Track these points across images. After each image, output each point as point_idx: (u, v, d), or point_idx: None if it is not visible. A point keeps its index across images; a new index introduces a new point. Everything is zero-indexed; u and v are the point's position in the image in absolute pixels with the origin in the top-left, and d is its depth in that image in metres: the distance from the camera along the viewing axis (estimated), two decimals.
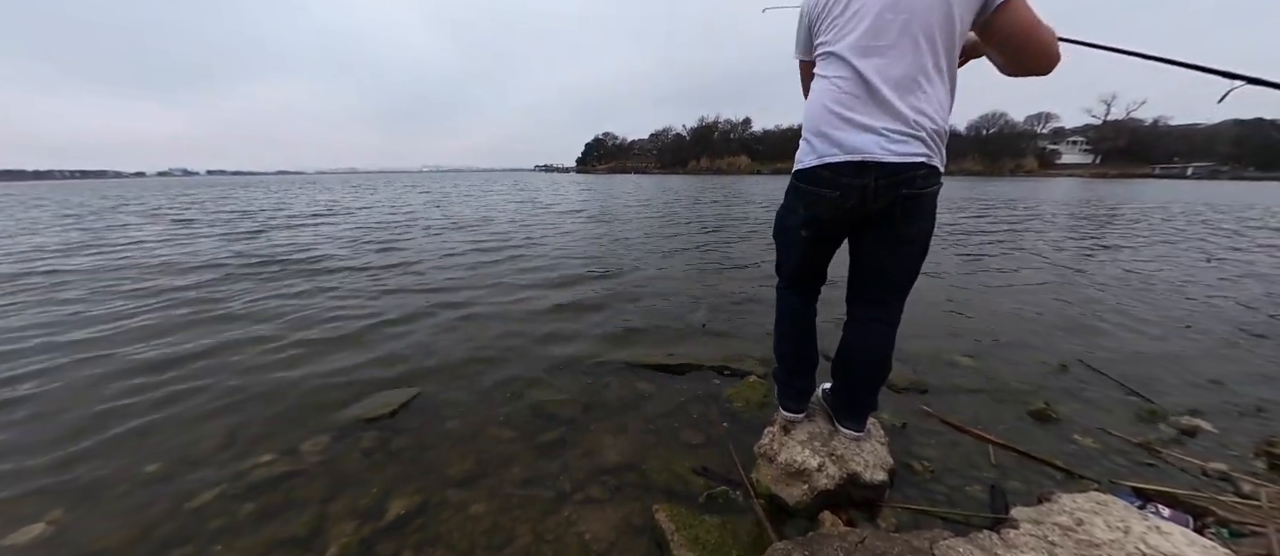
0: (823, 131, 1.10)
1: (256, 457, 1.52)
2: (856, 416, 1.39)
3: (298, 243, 5.70)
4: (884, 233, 1.16)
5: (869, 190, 1.07)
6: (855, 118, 1.06)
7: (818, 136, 1.11)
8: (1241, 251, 5.35)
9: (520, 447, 1.59)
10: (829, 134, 1.09)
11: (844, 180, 1.08)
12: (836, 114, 1.08)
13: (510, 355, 2.34)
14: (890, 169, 1.04)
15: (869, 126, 1.05)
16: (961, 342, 2.50)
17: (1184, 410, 1.80)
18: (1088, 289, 3.63)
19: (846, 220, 1.17)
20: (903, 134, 1.04)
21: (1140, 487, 1.32)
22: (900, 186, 1.07)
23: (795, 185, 1.21)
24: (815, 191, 1.14)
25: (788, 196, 1.27)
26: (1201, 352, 2.39)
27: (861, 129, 1.05)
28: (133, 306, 3.19)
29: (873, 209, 1.10)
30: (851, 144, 1.06)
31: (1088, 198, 15.28)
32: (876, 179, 1.06)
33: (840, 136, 1.07)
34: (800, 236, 1.25)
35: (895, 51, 1.03)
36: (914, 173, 1.05)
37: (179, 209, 11.13)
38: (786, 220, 1.29)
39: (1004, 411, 1.80)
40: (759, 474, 1.39)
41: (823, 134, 1.10)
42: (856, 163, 1.05)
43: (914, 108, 1.04)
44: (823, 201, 1.14)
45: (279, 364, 2.25)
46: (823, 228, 1.21)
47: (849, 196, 1.09)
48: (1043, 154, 66.73)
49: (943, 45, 1.04)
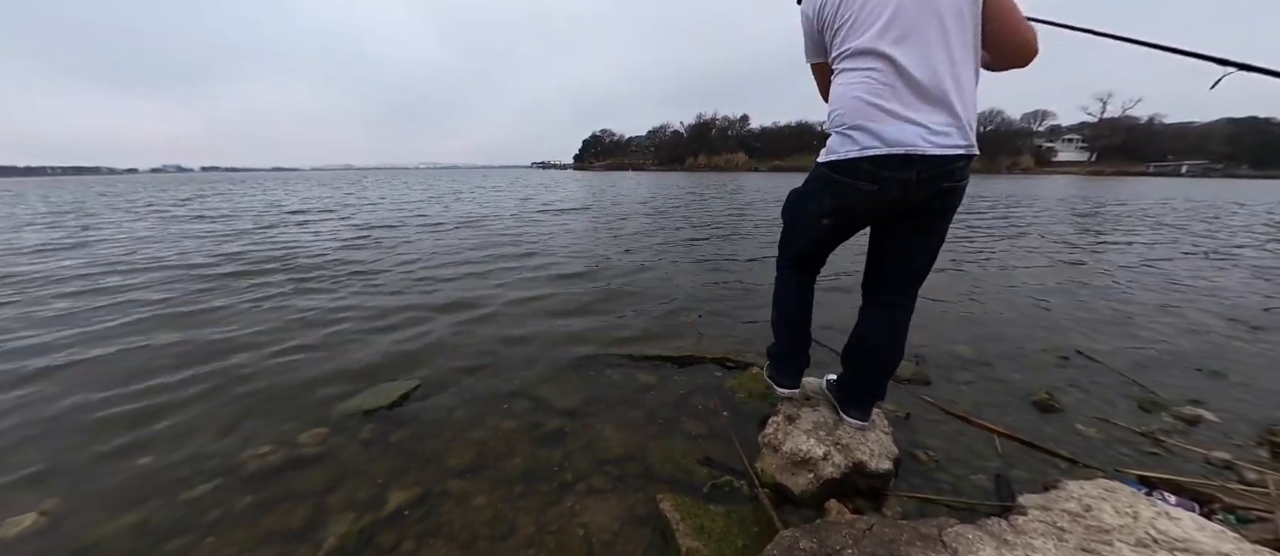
0: (861, 124, 1.07)
1: (254, 448, 1.50)
2: (863, 406, 1.38)
3: (293, 240, 5.63)
4: (919, 223, 1.15)
5: (911, 184, 1.05)
6: (896, 110, 1.03)
7: (856, 129, 1.07)
8: (1237, 248, 5.37)
9: (521, 438, 1.58)
10: (868, 127, 1.05)
11: (885, 174, 1.06)
12: (875, 106, 1.05)
13: (511, 348, 2.32)
14: (934, 161, 1.02)
15: (911, 118, 1.02)
16: (964, 335, 2.49)
17: (1185, 400, 1.80)
18: (1088, 283, 3.64)
19: (879, 212, 1.16)
20: (945, 124, 1.02)
21: (1145, 476, 1.31)
22: (942, 180, 1.05)
23: (826, 175, 1.16)
24: (852, 184, 1.11)
25: (812, 183, 1.23)
26: (1200, 344, 2.39)
27: (904, 121, 1.02)
28: (123, 300, 3.15)
29: (913, 202, 1.09)
30: (894, 137, 1.03)
31: (1084, 195, 15.34)
32: (919, 172, 1.03)
33: (882, 129, 1.04)
34: (821, 224, 1.22)
35: (924, 37, 1.02)
36: (955, 165, 1.04)
37: (168, 206, 11.02)
38: (807, 206, 1.26)
39: (1007, 402, 1.80)
40: (764, 463, 1.38)
41: (861, 127, 1.07)
42: (901, 156, 1.03)
43: (953, 95, 1.02)
44: (858, 193, 1.11)
45: (276, 357, 2.22)
46: (851, 218, 1.19)
47: (889, 190, 1.07)
48: (1039, 151, 66.99)
49: (970, 24, 1.03)
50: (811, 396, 1.57)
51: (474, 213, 8.47)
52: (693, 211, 9.08)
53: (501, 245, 5.13)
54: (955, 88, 1.02)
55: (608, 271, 3.93)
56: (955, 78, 1.02)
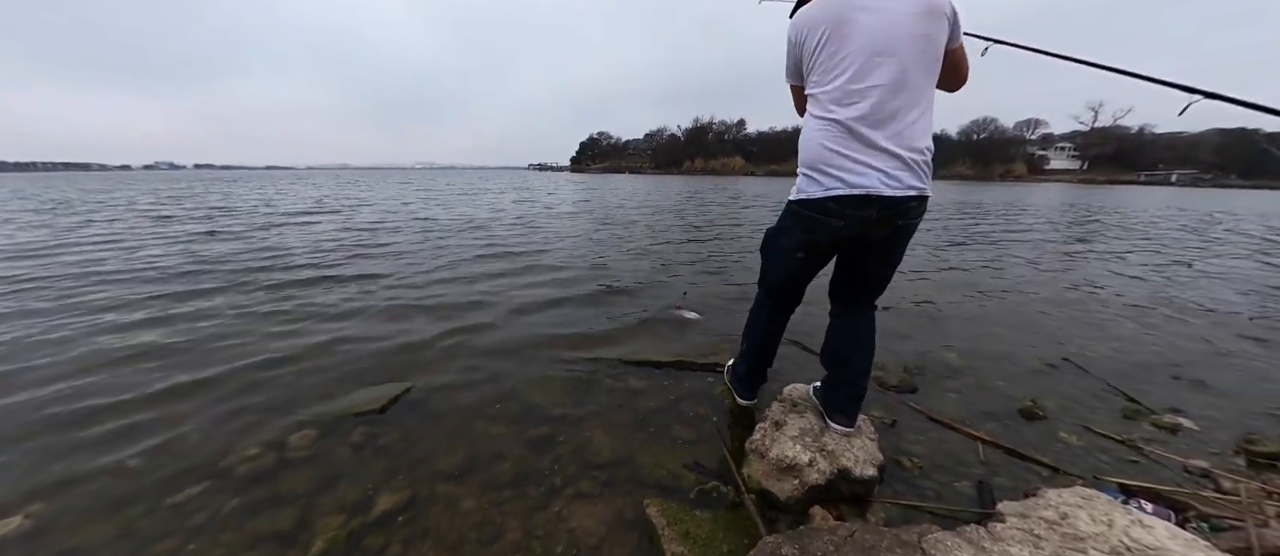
0: (824, 168, 1.18)
1: (241, 451, 1.50)
2: (848, 412, 1.41)
3: (284, 242, 5.59)
4: (878, 255, 1.28)
5: (871, 220, 1.17)
6: (856, 155, 1.14)
7: (820, 172, 1.19)
8: (1220, 258, 5.46)
9: (511, 442, 1.58)
10: (832, 171, 1.17)
11: (849, 212, 1.18)
12: (835, 152, 1.16)
13: (504, 352, 2.32)
14: (890, 202, 1.14)
15: (870, 164, 1.13)
16: (951, 343, 2.52)
17: (1166, 408, 1.83)
18: (1079, 288, 3.69)
19: (843, 245, 1.30)
20: (899, 168, 1.14)
21: (1124, 483, 1.34)
22: (897, 218, 1.18)
23: (797, 211, 1.29)
24: (820, 219, 1.22)
25: (785, 220, 1.36)
26: (1186, 353, 2.43)
27: (865, 166, 1.14)
28: (110, 298, 3.13)
29: (872, 237, 1.22)
30: (854, 181, 1.14)
31: (1076, 203, 15.50)
32: (878, 211, 1.16)
33: (842, 174, 1.15)
34: (794, 257, 1.34)
35: (885, 90, 1.12)
36: (909, 204, 1.16)
37: (157, 205, 10.94)
38: (780, 241, 1.39)
39: (992, 409, 1.82)
40: (750, 469, 1.39)
41: (824, 171, 1.18)
42: (860, 196, 1.14)
43: (907, 143, 1.14)
44: (825, 229, 1.23)
45: (266, 359, 2.21)
46: (820, 250, 1.32)
47: (852, 226, 1.19)
48: (1032, 160, 67.61)
49: (927, 74, 1.15)
50: (799, 403, 1.59)
51: (475, 216, 8.40)
52: (690, 215, 9.10)
53: (500, 250, 5.12)
54: (911, 137, 1.14)
55: (604, 276, 3.94)
56: (912, 128, 1.14)
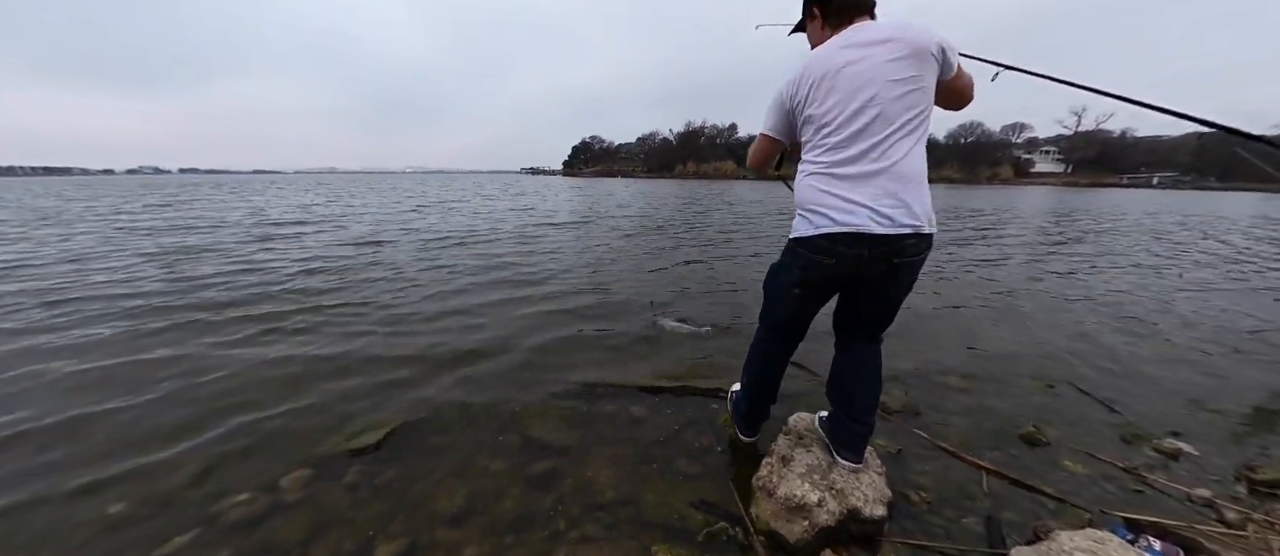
0: (815, 207, 1.21)
1: (233, 496, 1.44)
2: (856, 447, 1.39)
3: (275, 262, 5.47)
4: (877, 290, 1.27)
5: (863, 259, 1.17)
6: (846, 195, 1.16)
7: (812, 211, 1.21)
8: (1211, 268, 5.56)
9: (512, 480, 1.55)
10: (822, 211, 1.19)
11: (840, 249, 1.18)
12: (825, 192, 1.19)
13: (502, 379, 2.28)
14: (882, 239, 1.14)
15: (858, 203, 1.14)
16: (952, 361, 2.53)
17: (1166, 431, 1.84)
18: (1071, 303, 3.73)
19: (840, 283, 1.30)
20: (892, 206, 1.13)
21: (1131, 518, 1.33)
22: (892, 256, 1.16)
23: (794, 249, 1.29)
24: (813, 258, 1.24)
25: (785, 256, 1.36)
26: (1183, 369, 2.46)
27: (852, 205, 1.15)
28: (96, 313, 3.04)
29: (868, 274, 1.21)
30: (842, 219, 1.16)
31: (1063, 208, 15.75)
32: (870, 249, 1.15)
33: (831, 213, 1.17)
34: (793, 294, 1.34)
35: (870, 131, 1.14)
36: (904, 242, 1.15)
37: (137, 216, 10.71)
38: (780, 277, 1.38)
39: (995, 434, 1.82)
40: (758, 508, 1.37)
41: (815, 210, 1.21)
42: (851, 234, 1.15)
43: (899, 177, 1.14)
44: (819, 267, 1.24)
45: (256, 390, 2.15)
46: (816, 288, 1.32)
47: (845, 264, 1.20)
48: (1018, 163, 68.83)
49: (918, 116, 1.16)
50: (805, 435, 1.57)
51: (474, 228, 8.03)
52: (688, 225, 9.10)
53: (499, 265, 4.98)
54: (903, 179, 1.14)
55: (604, 295, 3.90)
56: (903, 162, 1.14)
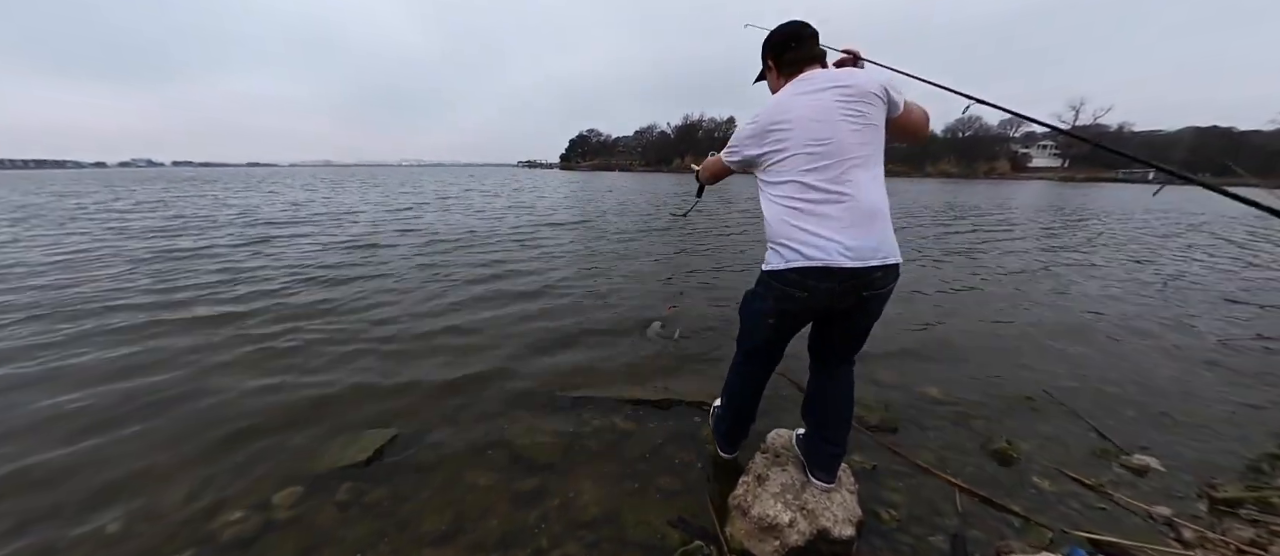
0: (785, 242, 1.25)
1: (226, 514, 1.49)
2: (828, 467, 1.45)
3: (268, 266, 5.43)
4: (848, 321, 1.32)
5: (835, 292, 1.21)
6: (814, 229, 1.20)
7: (782, 246, 1.26)
8: (1195, 271, 5.63)
9: (498, 497, 1.59)
10: (792, 245, 1.23)
11: (811, 283, 1.22)
12: (795, 226, 1.23)
13: (491, 391, 2.32)
14: (851, 273, 1.18)
15: (828, 237, 1.19)
16: (934, 371, 2.58)
17: (1136, 447, 1.90)
18: (1060, 308, 3.78)
19: (813, 314, 1.33)
20: (857, 237, 1.18)
21: (1093, 538, 1.39)
22: (861, 289, 1.21)
23: (767, 281, 1.33)
24: (786, 290, 1.28)
25: (759, 286, 1.39)
26: (1159, 380, 2.52)
27: (821, 239, 1.19)
28: (83, 331, 3.07)
29: (839, 307, 1.26)
30: (812, 253, 1.19)
31: (1058, 204, 15.79)
32: (840, 283, 1.19)
33: (801, 247, 1.21)
34: (768, 323, 1.38)
35: (830, 164, 1.21)
36: (872, 276, 1.19)
37: (127, 216, 10.64)
38: (755, 305, 1.42)
39: (970, 450, 1.87)
40: (733, 527, 1.42)
41: (785, 244, 1.25)
42: (822, 268, 1.19)
43: (863, 206, 1.20)
44: (792, 299, 1.28)
45: (248, 403, 2.19)
46: (790, 318, 1.35)
47: (817, 297, 1.24)
48: (1015, 157, 68.86)
49: (870, 143, 1.25)
50: (781, 454, 1.62)
51: (475, 228, 7.93)
52: (692, 233, 9.12)
53: (496, 269, 4.97)
54: (867, 214, 1.20)
55: (598, 301, 3.93)
56: (864, 190, 1.21)
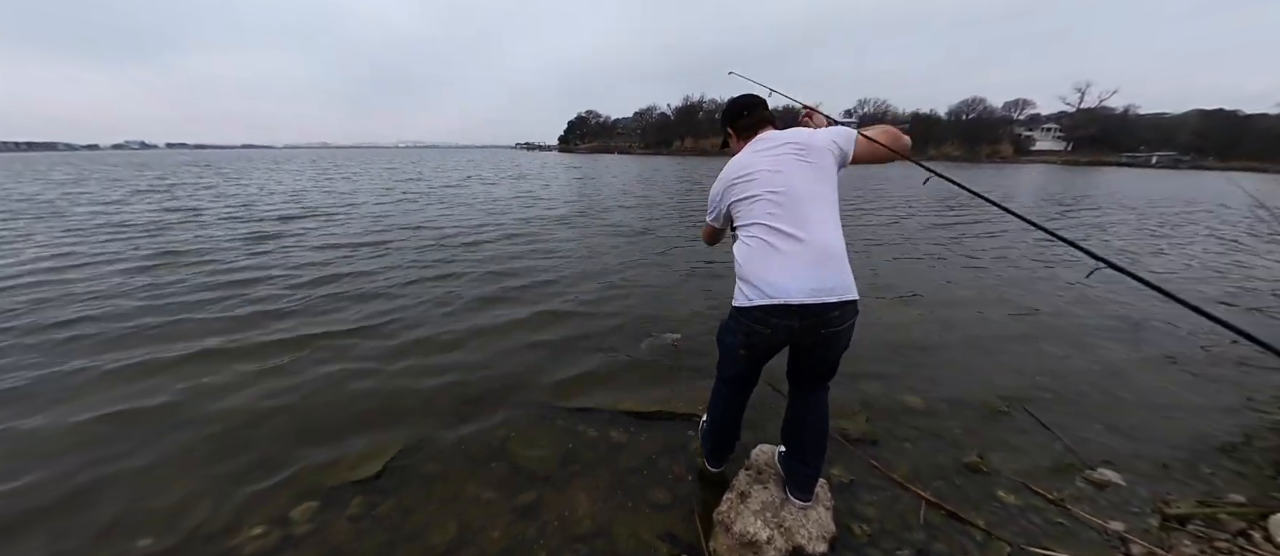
0: (749, 279, 1.38)
1: (247, 530, 1.60)
2: (805, 487, 1.56)
3: (261, 269, 5.17)
4: (811, 356, 1.45)
5: (794, 329, 1.33)
6: (776, 267, 1.33)
7: (747, 283, 1.39)
8: (1181, 263, 5.70)
9: (500, 510, 1.71)
10: (755, 282, 1.36)
11: (773, 320, 1.33)
12: (759, 266, 1.36)
13: (493, 402, 2.42)
14: (810, 310, 1.30)
15: (788, 277, 1.31)
16: (915, 379, 2.69)
17: (1100, 460, 2.02)
18: (1040, 311, 3.88)
19: (779, 347, 1.44)
20: (814, 276, 1.30)
21: (1044, 553, 1.51)
22: (820, 327, 1.32)
23: (736, 316, 1.43)
24: (752, 326, 1.38)
25: (731, 320, 1.49)
26: (1131, 388, 2.64)
27: (780, 277, 1.32)
28: (88, 343, 3.16)
29: (801, 343, 1.38)
30: (771, 291, 1.32)
31: (1059, 191, 15.76)
32: (799, 320, 1.31)
33: (762, 286, 1.34)
34: (739, 353, 1.48)
35: (787, 206, 1.37)
36: (829, 315, 1.31)
37: (122, 209, 10.58)
38: (727, 338, 1.53)
39: (943, 463, 1.99)
40: (716, 543, 1.54)
41: (748, 282, 1.38)
42: (782, 306, 1.30)
43: (818, 243, 1.33)
44: (758, 335, 1.38)
45: (258, 415, 2.29)
46: (759, 351, 1.46)
47: (779, 333, 1.35)
48: (1018, 141, 68.25)
49: (826, 196, 1.41)
50: (763, 470, 1.73)
51: (482, 224, 7.86)
52: (685, 215, 9.16)
53: (500, 278, 4.94)
54: (824, 255, 1.33)
55: (600, 303, 4.01)
56: (824, 244, 1.34)
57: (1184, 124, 61.17)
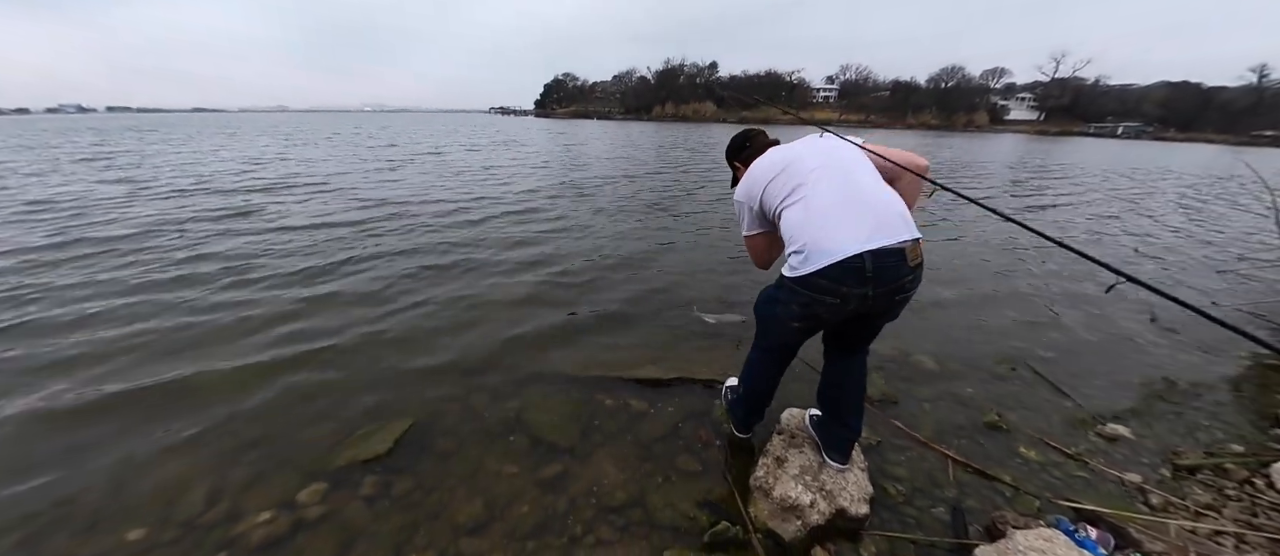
0: (808, 244, 1.24)
1: (253, 516, 1.48)
2: (843, 450, 1.53)
3: (254, 245, 5.11)
4: (876, 322, 1.37)
5: (868, 298, 1.21)
6: (834, 224, 1.22)
7: (806, 249, 1.24)
8: (1154, 237, 5.93)
9: (525, 483, 1.64)
10: (816, 246, 1.22)
11: (845, 288, 1.20)
12: (817, 227, 1.24)
13: (499, 372, 2.32)
14: (884, 266, 1.18)
15: (849, 229, 1.20)
16: (926, 341, 2.70)
17: (1110, 415, 2.07)
18: (1035, 275, 3.97)
19: (845, 317, 1.33)
20: (876, 228, 1.19)
21: (1075, 506, 1.54)
22: (895, 293, 1.22)
23: (792, 287, 1.30)
24: (814, 297, 1.26)
25: (780, 291, 1.38)
26: (1130, 349, 2.72)
27: (840, 233, 1.20)
28: (68, 316, 2.88)
29: (870, 310, 1.27)
30: (837, 246, 1.19)
31: (1028, 161, 16.15)
32: (875, 288, 1.19)
33: (826, 244, 1.20)
34: (791, 327, 1.39)
35: (842, 181, 1.30)
36: (904, 278, 1.21)
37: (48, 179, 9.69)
38: (776, 310, 1.41)
39: (963, 422, 2.01)
40: (756, 508, 1.51)
41: (810, 246, 1.23)
42: (856, 270, 1.17)
43: (877, 206, 1.25)
44: (823, 305, 1.27)
45: (254, 399, 2.12)
46: (820, 323, 1.37)
47: (849, 302, 1.23)
48: (994, 109, 69.33)
49: (869, 165, 1.37)
50: (796, 435, 1.70)
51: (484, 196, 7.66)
52: (679, 185, 8.95)
53: (486, 244, 4.89)
54: (876, 201, 1.26)
55: (598, 273, 3.89)
56: (876, 194, 1.28)
57: (1150, 95, 63.15)
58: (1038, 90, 70.03)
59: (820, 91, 76.46)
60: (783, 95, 69.54)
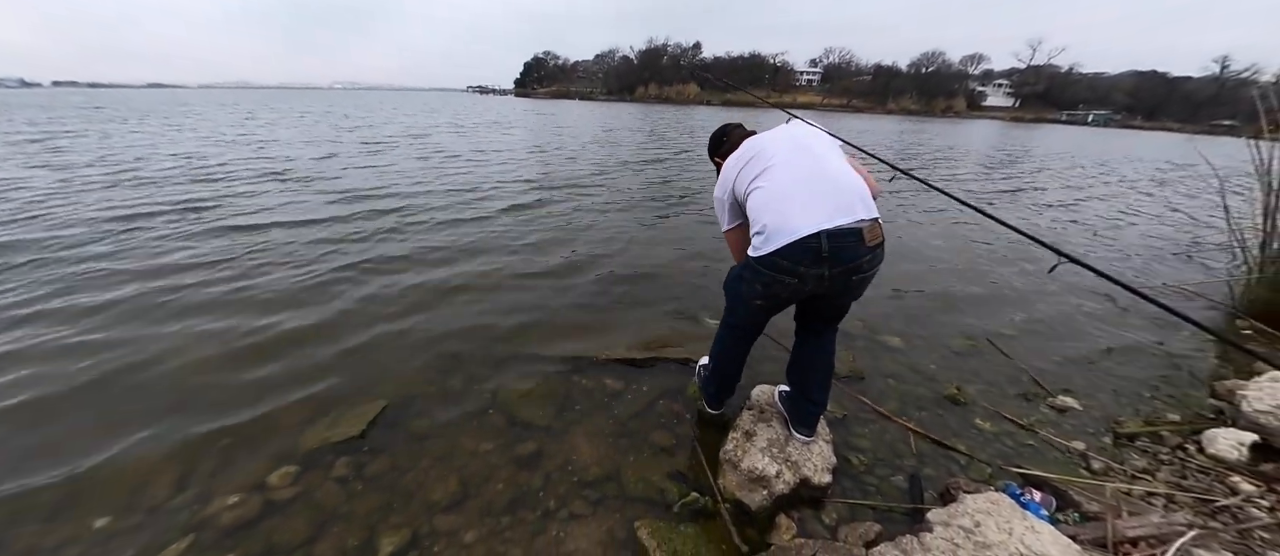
0: (769, 224, 1.30)
1: (222, 498, 1.47)
2: (809, 422, 1.59)
3: (223, 224, 4.90)
4: (838, 301, 1.41)
5: (824, 279, 1.25)
6: (796, 205, 1.26)
7: (767, 229, 1.29)
8: (1120, 218, 6.18)
9: (500, 460, 1.66)
10: (776, 226, 1.27)
11: (802, 268, 1.24)
12: (778, 209, 1.28)
13: (474, 351, 2.32)
14: (840, 247, 1.22)
15: (809, 209, 1.25)
16: (893, 320, 2.80)
17: (1060, 388, 2.19)
18: (996, 255, 4.11)
19: (802, 297, 1.39)
20: (836, 209, 1.24)
21: (1022, 472, 1.64)
22: (851, 273, 1.25)
23: (755, 267, 1.34)
24: (775, 277, 1.30)
25: (744, 271, 1.41)
26: (1085, 324, 2.86)
27: (802, 214, 1.24)
28: (32, 296, 2.74)
29: (828, 290, 1.32)
30: (793, 226, 1.23)
31: (1003, 146, 16.56)
32: (830, 268, 1.23)
33: (787, 225, 1.24)
34: (754, 304, 1.43)
35: (808, 164, 1.33)
36: (862, 259, 1.25)
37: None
38: (740, 289, 1.46)
39: (925, 397, 2.10)
40: (725, 480, 1.56)
41: (770, 226, 1.28)
42: (813, 250, 1.21)
43: (837, 185, 1.29)
44: (781, 284, 1.31)
45: (220, 383, 2.08)
46: (779, 301, 1.41)
47: (807, 283, 1.28)
48: (971, 96, 70.49)
49: (838, 151, 1.42)
50: (765, 410, 1.76)
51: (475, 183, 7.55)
52: (667, 167, 8.90)
53: (472, 223, 4.81)
54: (845, 184, 1.29)
55: (575, 251, 3.88)
56: (838, 175, 1.32)
57: (1119, 84, 65.01)
58: (1014, 77, 71.38)
59: (804, 75, 76.51)
60: (767, 78, 69.29)
